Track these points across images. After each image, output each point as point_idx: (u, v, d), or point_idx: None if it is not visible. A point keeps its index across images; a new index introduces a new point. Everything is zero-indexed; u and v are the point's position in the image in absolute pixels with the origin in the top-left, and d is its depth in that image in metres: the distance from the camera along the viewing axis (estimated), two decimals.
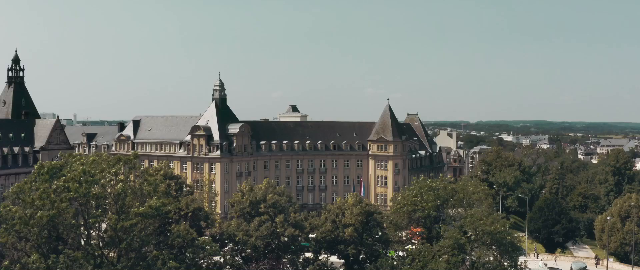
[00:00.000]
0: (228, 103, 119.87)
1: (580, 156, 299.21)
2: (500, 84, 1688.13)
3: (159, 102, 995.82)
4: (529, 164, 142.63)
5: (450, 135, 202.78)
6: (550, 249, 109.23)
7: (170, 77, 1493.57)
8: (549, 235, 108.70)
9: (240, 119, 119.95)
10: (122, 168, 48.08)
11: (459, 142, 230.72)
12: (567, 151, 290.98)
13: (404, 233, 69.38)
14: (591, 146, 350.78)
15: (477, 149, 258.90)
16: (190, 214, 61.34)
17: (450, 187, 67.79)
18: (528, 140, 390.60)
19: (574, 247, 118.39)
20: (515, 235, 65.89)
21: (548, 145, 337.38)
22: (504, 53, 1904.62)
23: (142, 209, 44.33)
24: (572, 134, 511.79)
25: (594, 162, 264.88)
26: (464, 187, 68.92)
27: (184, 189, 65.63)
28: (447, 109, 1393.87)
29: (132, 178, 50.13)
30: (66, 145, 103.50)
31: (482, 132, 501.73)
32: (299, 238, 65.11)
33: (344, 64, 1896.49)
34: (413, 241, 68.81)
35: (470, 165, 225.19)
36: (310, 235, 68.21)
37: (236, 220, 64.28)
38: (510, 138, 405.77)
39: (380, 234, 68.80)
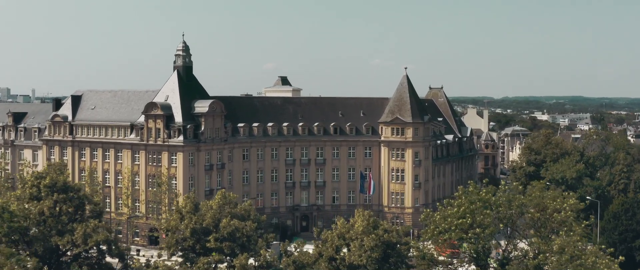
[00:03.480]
0: (203, 75, 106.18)
1: (629, 139, 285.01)
2: (528, 55, 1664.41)
3: (131, 76, 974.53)
4: (593, 153, 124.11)
5: (480, 114, 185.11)
6: None
7: (147, 48, 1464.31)
8: (628, 252, 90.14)
9: (220, 94, 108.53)
10: None
11: (491, 123, 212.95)
12: (614, 133, 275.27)
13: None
14: None
15: (508, 130, 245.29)
16: (92, 250, 42.19)
17: (517, 202, 48.04)
18: (566, 120, 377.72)
19: None
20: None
21: (591, 126, 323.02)
22: (532, 18, 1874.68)
23: None
24: (614, 112, 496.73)
25: None
26: (539, 201, 49.03)
27: (87, 208, 46.18)
28: (467, 83, 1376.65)
29: None
30: None
31: (509, 110, 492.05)
32: None
33: (348, 29, 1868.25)
34: None
35: (501, 152, 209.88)
36: None
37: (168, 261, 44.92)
38: (545, 117, 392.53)
39: None
